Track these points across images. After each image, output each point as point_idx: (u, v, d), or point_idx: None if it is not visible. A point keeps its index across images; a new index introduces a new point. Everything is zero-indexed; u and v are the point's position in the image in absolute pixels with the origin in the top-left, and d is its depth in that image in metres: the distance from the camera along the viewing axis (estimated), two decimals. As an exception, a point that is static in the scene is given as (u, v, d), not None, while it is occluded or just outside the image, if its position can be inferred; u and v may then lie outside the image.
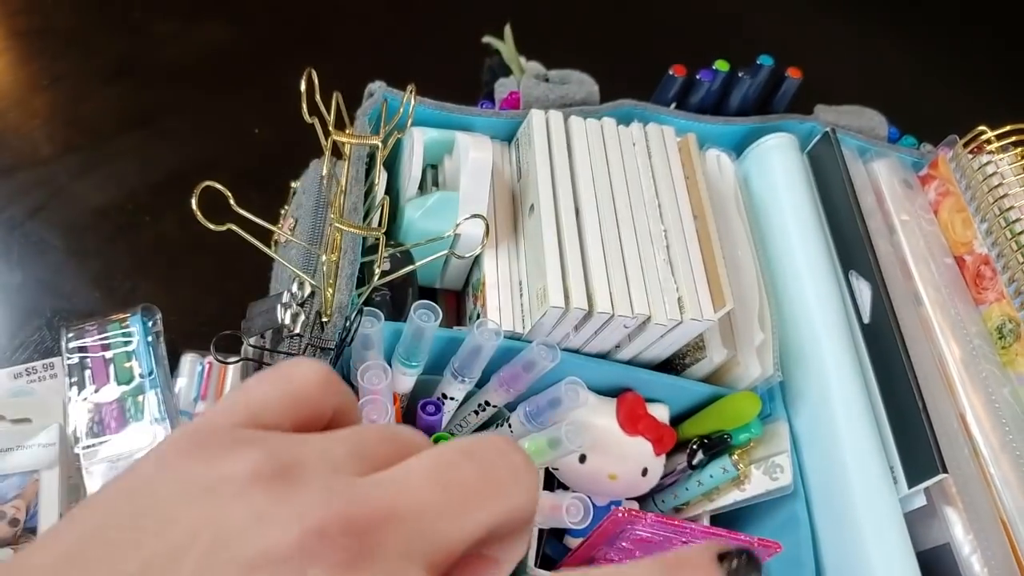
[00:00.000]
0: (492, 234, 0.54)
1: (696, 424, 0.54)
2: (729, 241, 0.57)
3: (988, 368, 0.54)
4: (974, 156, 0.62)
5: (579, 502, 0.41)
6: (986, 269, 0.58)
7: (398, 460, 0.19)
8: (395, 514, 0.18)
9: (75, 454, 0.61)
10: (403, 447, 0.20)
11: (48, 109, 0.79)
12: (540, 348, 0.45)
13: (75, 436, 0.58)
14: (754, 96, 0.66)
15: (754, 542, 0.43)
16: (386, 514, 0.17)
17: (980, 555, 0.47)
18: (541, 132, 0.55)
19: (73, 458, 0.61)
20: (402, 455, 0.20)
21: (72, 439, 0.58)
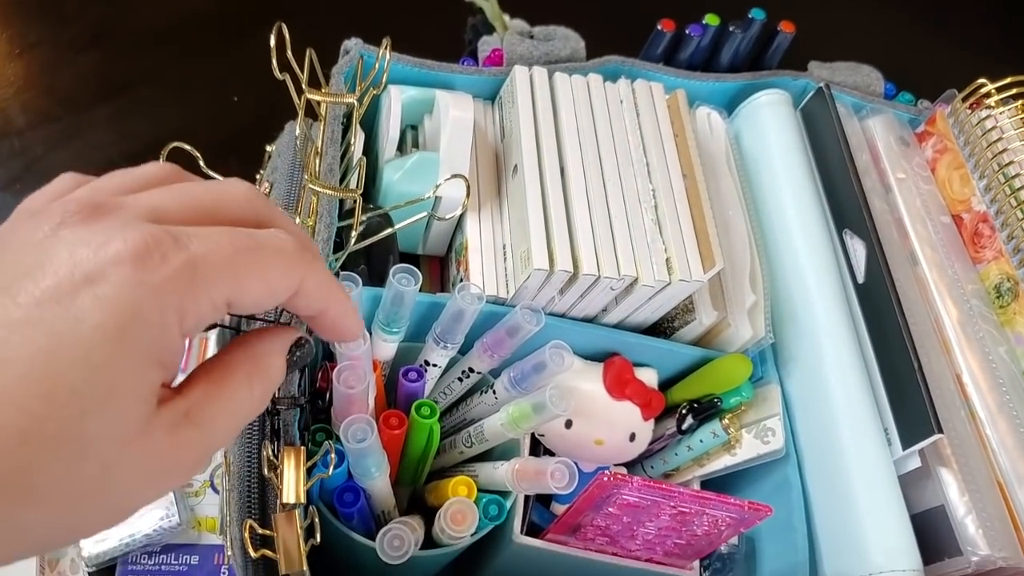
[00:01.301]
0: (475, 197, 0.53)
1: (685, 388, 0.52)
2: (719, 200, 0.55)
3: (985, 328, 0.53)
4: (973, 111, 0.60)
5: (564, 467, 0.40)
6: (984, 227, 0.57)
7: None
8: (188, 259, 0.21)
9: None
10: (222, 203, 0.24)
11: (22, 78, 0.77)
12: (524, 312, 0.44)
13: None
14: (746, 51, 0.64)
15: (744, 505, 0.42)
16: (179, 256, 0.21)
17: (975, 517, 0.46)
18: (525, 90, 0.54)
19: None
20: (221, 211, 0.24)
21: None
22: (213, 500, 0.61)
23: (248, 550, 0.38)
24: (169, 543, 0.58)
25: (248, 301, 0.23)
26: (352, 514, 0.43)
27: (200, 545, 0.59)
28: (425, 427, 0.44)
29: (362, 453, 0.40)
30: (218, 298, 0.22)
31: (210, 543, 0.59)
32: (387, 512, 0.45)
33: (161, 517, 0.57)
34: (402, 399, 0.45)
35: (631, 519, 0.44)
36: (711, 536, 0.46)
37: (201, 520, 0.60)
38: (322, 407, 0.45)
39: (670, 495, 0.42)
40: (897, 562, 0.44)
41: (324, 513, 0.42)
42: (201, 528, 0.60)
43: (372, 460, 0.41)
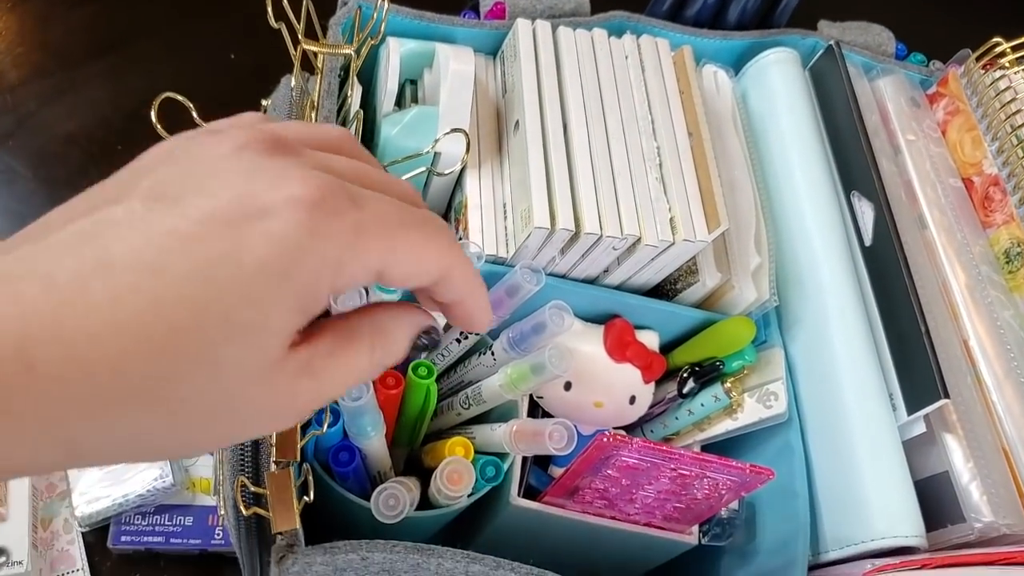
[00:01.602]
0: (475, 154, 0.51)
1: (687, 351, 0.52)
2: (725, 160, 0.54)
3: (994, 294, 0.52)
4: (987, 71, 0.59)
5: (562, 428, 0.39)
6: (995, 191, 0.55)
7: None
8: (359, 218, 0.21)
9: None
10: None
11: (14, 32, 0.76)
12: (524, 271, 0.43)
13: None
14: (754, 9, 0.63)
15: (746, 468, 0.41)
16: (351, 213, 0.21)
17: (980, 483, 0.45)
18: (527, 44, 0.52)
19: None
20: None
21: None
22: (207, 461, 0.60)
23: (240, 508, 0.37)
24: (163, 504, 0.58)
25: (398, 274, 0.23)
26: (347, 474, 0.42)
27: (194, 506, 0.58)
28: (422, 387, 0.43)
29: (358, 412, 0.39)
30: (373, 263, 0.22)
31: (204, 504, 0.58)
32: (383, 473, 0.45)
33: (155, 478, 0.57)
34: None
35: (630, 482, 0.44)
36: (711, 500, 0.45)
37: (195, 481, 0.59)
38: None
39: (670, 457, 0.41)
40: (900, 528, 0.44)
41: (319, 472, 0.41)
42: (195, 489, 0.59)
43: (368, 419, 0.40)
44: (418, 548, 0.37)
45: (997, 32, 0.59)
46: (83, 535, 0.57)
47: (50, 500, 0.58)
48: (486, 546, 0.48)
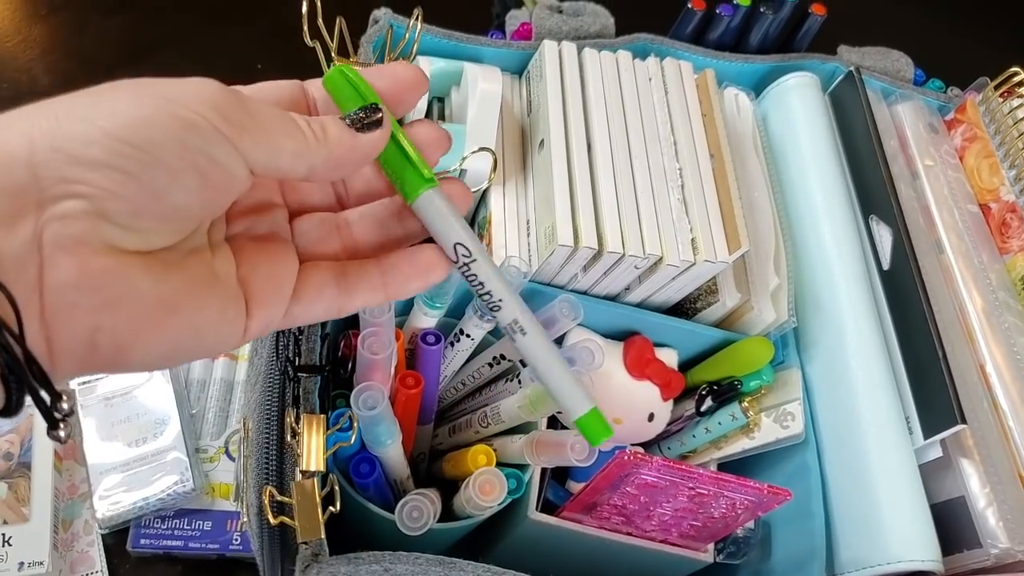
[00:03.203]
0: (500, 170, 0.52)
1: (706, 370, 0.52)
2: (746, 182, 0.55)
3: (1011, 320, 0.53)
4: (1005, 99, 0.59)
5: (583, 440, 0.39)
6: (1012, 217, 0.56)
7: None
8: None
9: (71, 390, 0.60)
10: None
11: (47, 40, 0.77)
12: (563, 305, 0.44)
13: (71, 371, 0.57)
14: (776, 33, 0.64)
15: (763, 489, 0.42)
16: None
17: (996, 509, 0.46)
18: (553, 64, 0.53)
19: (69, 394, 0.60)
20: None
21: (68, 374, 0.57)
22: (228, 466, 0.61)
23: (267, 516, 0.38)
24: (182, 508, 0.58)
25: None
26: (368, 485, 0.43)
27: (213, 511, 0.59)
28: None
29: (373, 420, 0.40)
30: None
31: (223, 509, 0.59)
32: (400, 481, 0.45)
33: (175, 481, 0.57)
34: (421, 363, 0.45)
35: (648, 499, 0.44)
36: (728, 519, 0.45)
37: (215, 486, 0.60)
38: (344, 376, 0.45)
39: (689, 476, 0.42)
40: (916, 552, 0.44)
41: (341, 482, 0.42)
42: (215, 494, 0.60)
43: (383, 428, 0.40)
44: (440, 561, 0.38)
45: (1015, 59, 0.60)
46: (103, 537, 0.58)
47: (71, 501, 0.59)
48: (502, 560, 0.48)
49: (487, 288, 0.29)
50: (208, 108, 0.23)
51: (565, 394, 0.30)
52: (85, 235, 0.22)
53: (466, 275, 0.29)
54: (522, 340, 0.30)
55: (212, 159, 0.23)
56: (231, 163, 0.24)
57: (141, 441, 0.59)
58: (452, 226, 0.28)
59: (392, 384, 0.43)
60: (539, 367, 0.30)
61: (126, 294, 0.23)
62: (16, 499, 0.56)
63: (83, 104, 0.22)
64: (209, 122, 0.23)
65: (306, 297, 0.28)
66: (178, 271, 0.24)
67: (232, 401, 0.64)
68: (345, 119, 0.27)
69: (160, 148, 0.22)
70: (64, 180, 0.21)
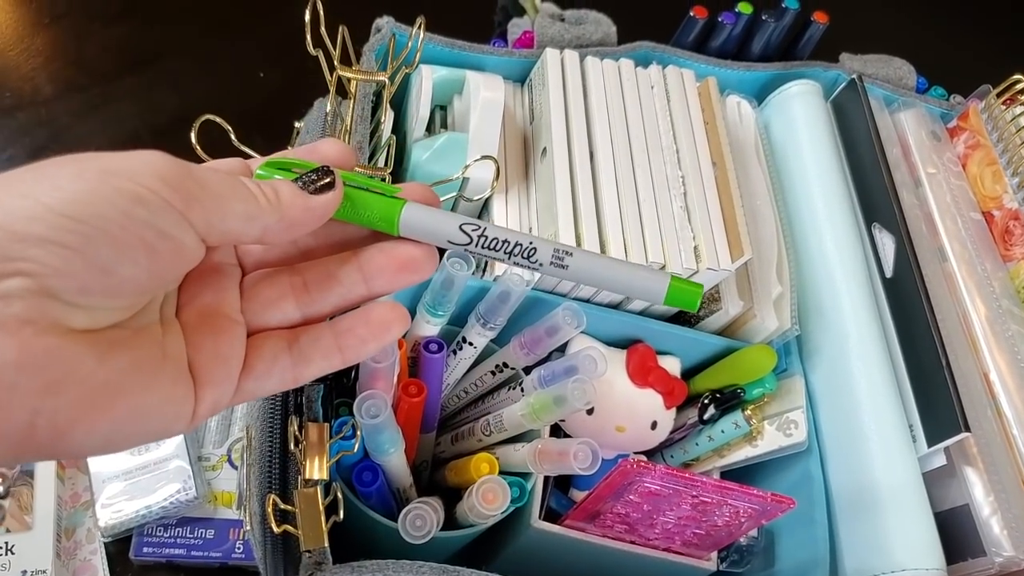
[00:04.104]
0: (502, 179, 0.52)
1: (708, 378, 0.52)
2: (748, 190, 0.55)
3: (1015, 328, 0.53)
4: (1007, 107, 0.59)
5: (587, 448, 0.39)
6: (1015, 225, 0.56)
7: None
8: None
9: (7, 473, 0.60)
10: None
11: (49, 48, 0.77)
12: (566, 313, 0.44)
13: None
14: (778, 41, 0.64)
15: (767, 497, 0.42)
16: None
17: (1000, 517, 0.45)
18: (556, 72, 0.53)
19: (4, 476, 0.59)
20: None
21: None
22: (230, 475, 0.61)
23: (271, 525, 0.38)
24: (185, 516, 0.58)
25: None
26: (371, 493, 0.43)
27: (216, 519, 0.59)
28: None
29: (376, 429, 0.40)
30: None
31: (226, 517, 0.59)
32: (403, 490, 0.45)
33: (178, 490, 0.57)
34: (423, 371, 0.45)
35: (651, 507, 0.44)
36: (731, 527, 0.45)
37: (218, 494, 0.60)
38: (347, 385, 0.45)
39: (692, 484, 0.42)
40: (920, 561, 0.44)
41: (344, 491, 0.42)
42: (217, 502, 0.60)
43: (386, 436, 0.40)
44: (444, 570, 0.38)
45: (1017, 67, 0.60)
46: (105, 545, 0.58)
47: (74, 510, 0.59)
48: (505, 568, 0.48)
49: (512, 241, 0.28)
50: (154, 179, 0.23)
51: (638, 285, 0.29)
52: (29, 314, 0.21)
53: (486, 246, 0.28)
54: (573, 261, 0.28)
55: (160, 231, 0.23)
56: (181, 234, 0.23)
57: (144, 449, 0.59)
58: (444, 219, 0.28)
59: (395, 392, 0.43)
60: (601, 275, 0.29)
61: (69, 376, 0.22)
62: (19, 507, 0.56)
63: (25, 180, 0.22)
64: (156, 193, 0.22)
65: (258, 370, 0.27)
66: (126, 351, 0.23)
67: (235, 409, 0.64)
68: (297, 181, 0.26)
69: (105, 222, 0.22)
70: (7, 258, 0.21)
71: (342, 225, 0.29)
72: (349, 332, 0.28)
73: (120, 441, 0.24)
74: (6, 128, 0.72)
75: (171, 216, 0.23)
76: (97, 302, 0.22)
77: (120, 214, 0.22)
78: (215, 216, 0.24)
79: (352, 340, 0.28)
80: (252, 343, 0.27)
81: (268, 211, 0.25)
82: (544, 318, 0.44)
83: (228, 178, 0.25)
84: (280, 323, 0.28)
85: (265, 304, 0.28)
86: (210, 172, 0.24)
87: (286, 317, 0.28)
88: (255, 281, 0.29)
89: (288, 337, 0.28)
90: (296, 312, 0.28)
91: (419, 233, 0.28)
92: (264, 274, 0.29)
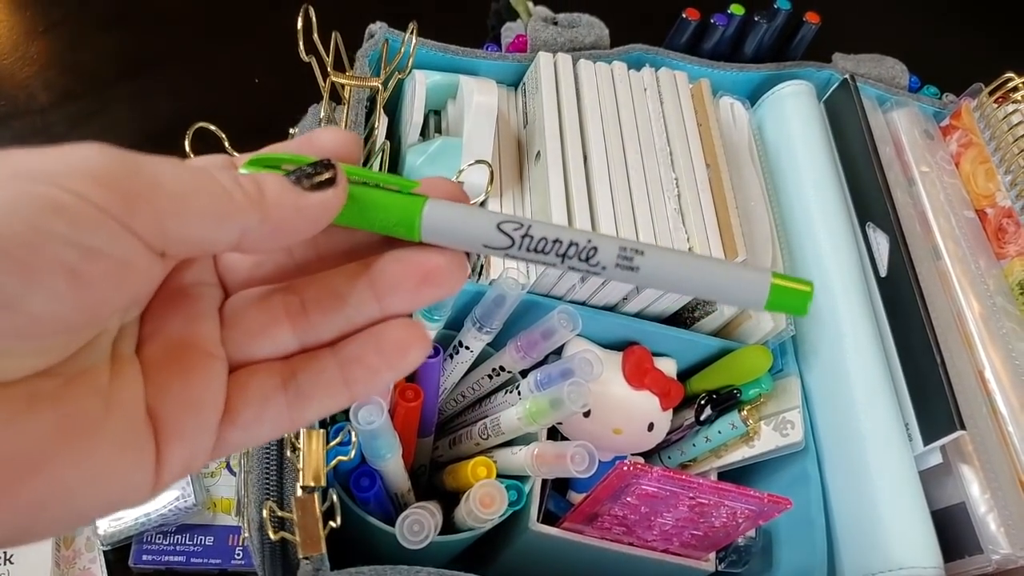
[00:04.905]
0: (497, 182, 0.52)
1: (705, 379, 0.52)
2: (742, 191, 0.55)
3: (1009, 325, 0.53)
4: (999, 105, 0.60)
5: (584, 450, 0.40)
6: (1009, 223, 0.56)
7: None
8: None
9: None
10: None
11: (45, 56, 0.77)
12: (561, 317, 0.44)
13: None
14: (770, 42, 0.64)
15: (764, 498, 0.42)
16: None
17: (996, 514, 0.46)
18: (549, 76, 0.53)
19: None
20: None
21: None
22: (229, 481, 0.61)
23: (268, 532, 0.38)
24: (184, 523, 0.58)
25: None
26: (368, 499, 0.43)
27: (215, 526, 0.59)
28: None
29: (372, 435, 0.40)
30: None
31: (225, 524, 0.59)
32: (401, 495, 0.45)
33: (176, 497, 0.57)
34: (420, 375, 0.45)
35: (649, 509, 0.44)
36: (728, 528, 0.45)
37: (216, 501, 0.60)
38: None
39: (689, 486, 0.42)
40: (917, 559, 0.44)
41: (341, 497, 0.42)
42: (216, 509, 0.60)
43: (383, 441, 0.41)
44: (441, 574, 0.38)
45: (1009, 65, 0.60)
46: (105, 554, 0.58)
47: (73, 518, 0.59)
48: (504, 571, 0.49)
49: (565, 241, 0.22)
50: (83, 180, 0.17)
51: (729, 288, 0.22)
52: None
53: (532, 248, 0.22)
54: (645, 261, 0.22)
55: (87, 249, 0.17)
56: (120, 249, 0.18)
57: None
58: (477, 217, 0.22)
59: (391, 397, 0.43)
60: (680, 277, 0.22)
61: None
62: (17, 516, 0.56)
63: None
64: (82, 199, 0.17)
65: (244, 416, 0.21)
66: (48, 408, 0.18)
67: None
68: (290, 176, 0.21)
69: (7, 241, 0.16)
70: None
71: (349, 231, 0.23)
72: (358, 362, 0.22)
73: (41, 530, 0.18)
74: (2, 136, 0.72)
75: (104, 227, 0.17)
76: (4, 346, 0.17)
77: (28, 230, 0.16)
78: (172, 220, 0.18)
79: (362, 371, 0.22)
80: (236, 381, 0.22)
81: (246, 209, 0.19)
82: (540, 321, 0.44)
83: (191, 170, 0.19)
84: (272, 354, 0.22)
85: (253, 332, 0.22)
86: (166, 164, 0.19)
87: (279, 347, 0.22)
88: (240, 304, 0.23)
89: (282, 372, 0.22)
90: (292, 340, 0.22)
91: (446, 237, 0.22)
92: (251, 295, 0.23)
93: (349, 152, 0.23)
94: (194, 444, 0.20)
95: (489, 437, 0.46)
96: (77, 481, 0.18)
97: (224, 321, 0.22)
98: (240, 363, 0.22)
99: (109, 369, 0.20)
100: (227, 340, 0.22)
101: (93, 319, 0.19)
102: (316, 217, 0.21)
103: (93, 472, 0.18)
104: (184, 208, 0.19)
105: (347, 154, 0.23)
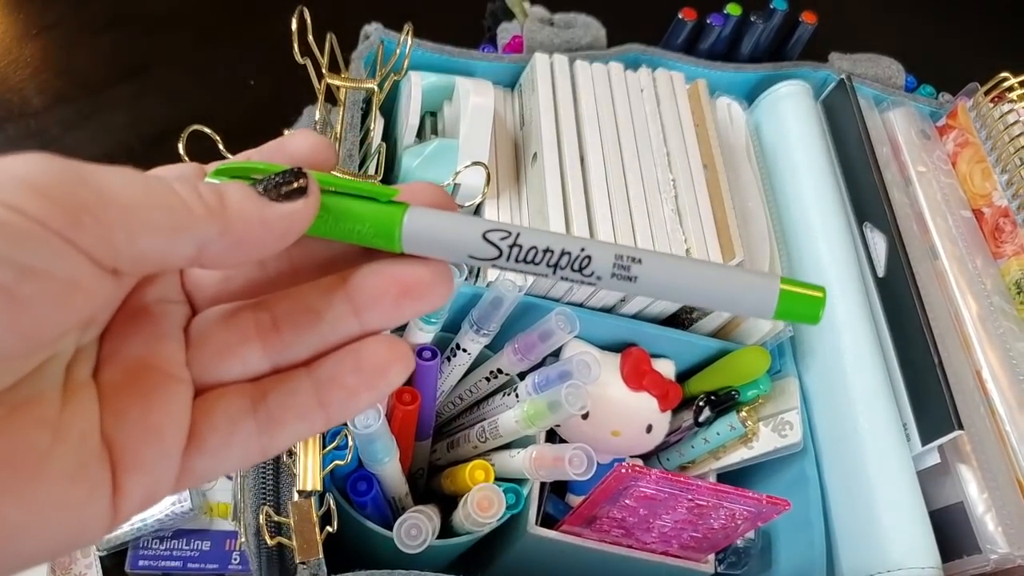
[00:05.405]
0: (493, 184, 0.52)
1: (703, 380, 0.52)
2: (739, 191, 0.55)
3: (1006, 325, 0.53)
4: (995, 105, 0.60)
5: (582, 453, 0.39)
6: (1005, 222, 0.56)
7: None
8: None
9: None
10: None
11: (38, 59, 0.77)
12: (559, 318, 0.44)
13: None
14: (767, 42, 0.64)
15: (762, 499, 0.42)
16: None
17: (994, 514, 0.46)
18: (545, 77, 0.53)
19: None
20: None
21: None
22: (225, 486, 0.61)
23: (264, 537, 0.38)
24: (181, 528, 0.58)
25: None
26: (366, 503, 0.43)
27: (212, 531, 0.59)
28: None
29: (369, 438, 0.40)
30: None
31: (222, 529, 0.59)
32: (399, 499, 0.45)
33: (173, 502, 0.57)
34: (417, 378, 0.45)
35: (648, 511, 0.44)
36: (727, 529, 0.45)
37: (213, 506, 0.60)
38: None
39: (688, 488, 0.42)
40: (915, 559, 0.44)
41: (338, 501, 0.42)
42: (213, 514, 0.60)
43: (380, 445, 0.40)
44: (439, 578, 0.38)
45: (1005, 64, 0.60)
46: (101, 559, 0.57)
47: (69, 523, 0.58)
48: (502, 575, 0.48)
49: (556, 250, 0.21)
50: (21, 193, 0.16)
51: (737, 297, 0.21)
52: None
53: (521, 259, 0.21)
54: (643, 270, 0.21)
55: (23, 269, 0.16)
56: (63, 267, 0.16)
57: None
58: (461, 226, 0.21)
59: (388, 400, 0.43)
60: (680, 286, 0.21)
61: None
62: (13, 522, 0.56)
63: None
64: (18, 212, 0.16)
65: (211, 443, 0.20)
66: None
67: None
68: (257, 185, 0.20)
69: None
70: None
71: (326, 241, 0.22)
72: (334, 382, 0.21)
73: None
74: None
75: (44, 243, 0.16)
76: None
77: None
78: (122, 233, 0.17)
79: (338, 392, 0.21)
80: (202, 406, 0.20)
81: (204, 221, 0.18)
82: (537, 323, 0.44)
83: (144, 180, 0.18)
84: (241, 376, 0.21)
85: (220, 351, 0.21)
86: (116, 174, 0.17)
87: (249, 368, 0.21)
88: (207, 322, 0.21)
89: (252, 394, 0.21)
90: (263, 361, 0.21)
91: (428, 247, 0.21)
92: (219, 312, 0.22)
93: (324, 158, 0.22)
94: (155, 473, 0.19)
95: (487, 440, 0.45)
96: (22, 519, 0.17)
97: (190, 341, 0.21)
98: (207, 385, 0.21)
99: (61, 395, 0.18)
100: (192, 361, 0.21)
101: (33, 345, 0.17)
102: (284, 229, 0.20)
103: (40, 509, 0.17)
104: (134, 220, 0.17)
105: (321, 161, 0.21)
